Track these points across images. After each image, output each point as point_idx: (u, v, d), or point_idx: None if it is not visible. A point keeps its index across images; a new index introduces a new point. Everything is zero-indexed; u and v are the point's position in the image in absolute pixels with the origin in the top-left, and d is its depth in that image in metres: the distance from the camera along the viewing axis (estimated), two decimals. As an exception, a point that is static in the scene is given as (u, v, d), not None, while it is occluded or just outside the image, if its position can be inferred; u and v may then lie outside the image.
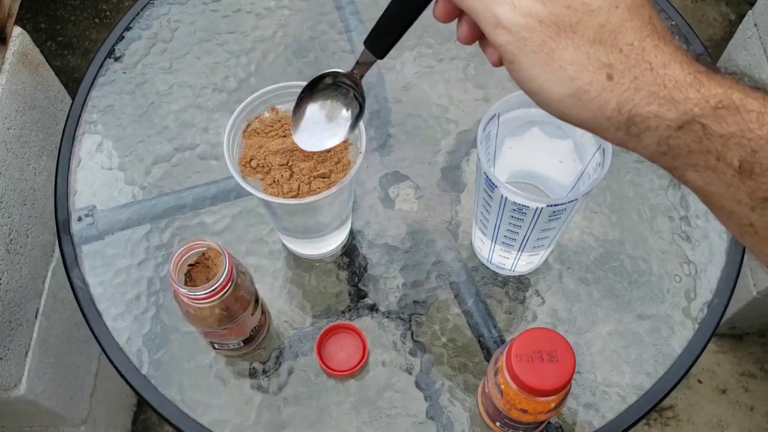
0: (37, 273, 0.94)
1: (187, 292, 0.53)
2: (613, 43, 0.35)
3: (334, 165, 0.58)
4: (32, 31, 1.71)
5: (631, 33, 0.35)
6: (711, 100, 0.34)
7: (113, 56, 0.82)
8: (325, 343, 0.66)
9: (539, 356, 0.48)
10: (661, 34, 0.36)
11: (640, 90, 0.35)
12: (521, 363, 0.48)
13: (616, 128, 0.36)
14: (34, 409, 0.95)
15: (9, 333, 0.86)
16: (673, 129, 0.35)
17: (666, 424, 1.29)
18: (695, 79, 0.35)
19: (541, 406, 0.52)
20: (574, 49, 0.35)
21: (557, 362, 0.47)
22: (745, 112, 0.34)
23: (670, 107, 0.35)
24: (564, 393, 0.52)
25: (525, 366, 0.48)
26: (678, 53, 0.36)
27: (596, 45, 0.35)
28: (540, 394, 0.49)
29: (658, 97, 0.35)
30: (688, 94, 0.35)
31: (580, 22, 0.35)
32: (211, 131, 0.77)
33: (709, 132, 0.34)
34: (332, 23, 0.84)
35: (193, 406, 0.65)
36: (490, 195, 0.55)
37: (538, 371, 0.47)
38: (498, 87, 0.80)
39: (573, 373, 0.49)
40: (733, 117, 0.34)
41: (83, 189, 0.75)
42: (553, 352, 0.48)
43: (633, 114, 0.35)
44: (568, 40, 0.35)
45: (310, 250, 0.70)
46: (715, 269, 0.70)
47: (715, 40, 1.67)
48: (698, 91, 0.35)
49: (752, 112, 0.34)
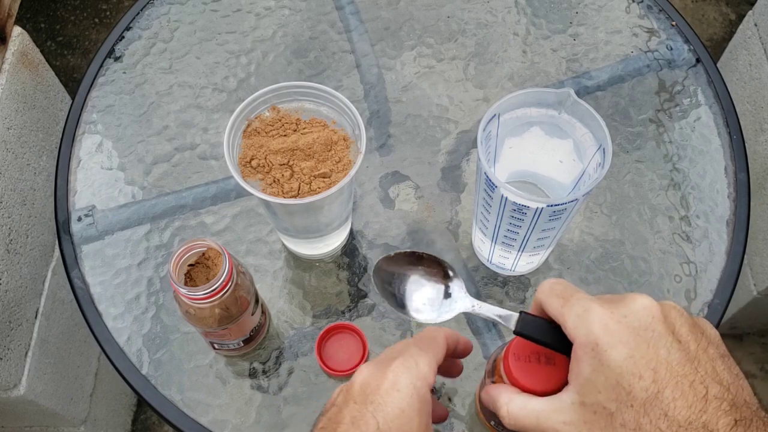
0: (37, 273, 0.94)
1: (187, 292, 0.53)
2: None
3: (334, 165, 0.58)
4: (32, 31, 1.71)
5: (649, 429, 0.38)
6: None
7: (113, 56, 0.82)
8: (325, 343, 0.66)
9: (537, 357, 0.47)
10: (682, 421, 0.37)
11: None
12: (519, 363, 0.47)
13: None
14: (34, 409, 0.95)
15: (9, 333, 0.86)
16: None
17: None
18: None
19: None
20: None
21: (554, 365, 0.47)
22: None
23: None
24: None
25: (522, 366, 0.47)
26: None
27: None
28: (536, 395, 0.49)
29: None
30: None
31: (606, 426, 0.39)
32: (211, 131, 0.77)
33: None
34: (332, 23, 0.84)
35: (192, 406, 0.65)
36: (490, 195, 0.55)
37: (535, 372, 0.47)
38: (498, 87, 0.80)
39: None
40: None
41: (83, 189, 0.75)
42: (551, 354, 0.47)
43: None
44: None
45: (310, 250, 0.70)
46: (715, 269, 0.70)
47: (715, 40, 1.67)
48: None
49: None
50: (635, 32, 0.83)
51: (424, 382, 0.45)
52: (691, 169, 0.75)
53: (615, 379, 0.39)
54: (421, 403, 0.44)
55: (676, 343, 0.40)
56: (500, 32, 0.83)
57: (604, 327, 0.40)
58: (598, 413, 0.40)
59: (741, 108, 1.12)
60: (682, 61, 0.81)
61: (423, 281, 0.58)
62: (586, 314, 0.41)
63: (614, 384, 0.39)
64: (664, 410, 0.38)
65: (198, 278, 0.57)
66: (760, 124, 1.08)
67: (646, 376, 0.38)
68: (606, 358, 0.39)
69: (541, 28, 0.83)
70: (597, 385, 0.40)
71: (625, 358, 0.39)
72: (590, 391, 0.40)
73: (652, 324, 0.40)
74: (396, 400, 0.44)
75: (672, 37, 0.82)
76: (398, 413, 0.43)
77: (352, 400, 0.45)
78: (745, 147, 0.76)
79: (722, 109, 0.78)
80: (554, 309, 0.44)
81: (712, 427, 0.37)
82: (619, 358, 0.39)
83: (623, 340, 0.40)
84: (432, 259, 0.58)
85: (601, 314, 0.41)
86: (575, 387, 0.41)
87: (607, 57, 0.81)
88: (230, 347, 0.63)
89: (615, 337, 0.40)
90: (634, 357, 0.39)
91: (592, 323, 0.41)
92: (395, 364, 0.45)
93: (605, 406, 0.39)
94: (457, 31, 0.83)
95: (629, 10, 0.85)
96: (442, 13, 0.84)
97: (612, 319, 0.40)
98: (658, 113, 0.78)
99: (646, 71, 0.81)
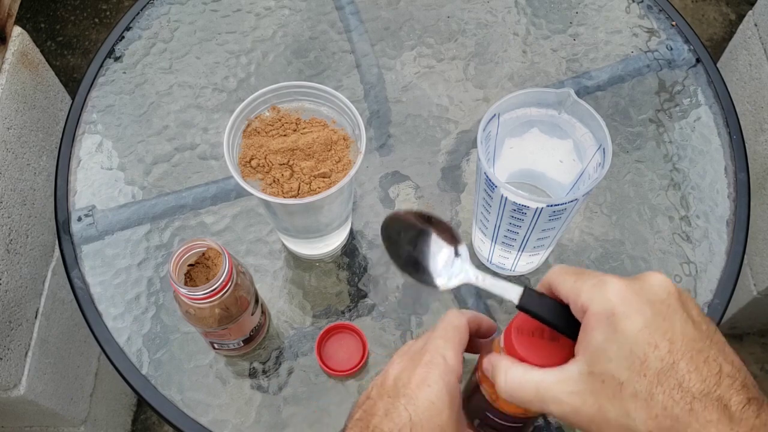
0: (37, 273, 0.94)
1: (187, 292, 0.53)
2: (647, 412, 0.38)
3: (334, 164, 0.58)
4: (32, 31, 1.71)
5: (662, 399, 0.37)
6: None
7: (113, 56, 0.82)
8: (325, 343, 0.66)
9: (540, 333, 0.45)
10: (696, 393, 0.37)
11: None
12: (521, 336, 0.45)
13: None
14: (34, 409, 0.95)
15: (9, 333, 0.86)
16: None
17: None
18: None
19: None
20: (616, 421, 0.39)
21: (558, 342, 0.45)
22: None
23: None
24: None
25: (525, 340, 0.45)
26: (714, 413, 0.37)
27: (632, 415, 0.38)
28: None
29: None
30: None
31: (615, 396, 0.39)
32: (211, 131, 0.77)
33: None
34: (332, 23, 0.84)
35: (192, 406, 0.65)
36: (490, 195, 0.55)
37: (538, 347, 0.45)
38: (498, 87, 0.80)
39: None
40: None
41: (83, 189, 0.74)
42: (555, 332, 0.45)
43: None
44: (609, 414, 0.39)
45: (310, 250, 0.70)
46: (715, 269, 0.70)
47: (715, 40, 1.67)
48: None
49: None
50: (635, 32, 0.83)
51: (452, 375, 0.46)
52: (691, 169, 0.75)
53: (629, 347, 0.38)
54: (451, 396, 0.46)
55: (690, 320, 0.40)
56: (500, 32, 0.83)
57: (621, 296, 0.40)
58: (606, 382, 0.39)
59: (741, 108, 1.12)
60: (682, 61, 0.81)
61: (433, 242, 0.54)
62: (602, 284, 0.41)
63: (627, 353, 0.38)
64: (679, 381, 0.37)
65: (198, 278, 0.57)
66: (760, 124, 1.08)
67: (661, 346, 0.38)
68: (621, 327, 0.39)
69: (541, 28, 0.83)
70: (608, 353, 0.39)
71: (640, 327, 0.39)
72: (600, 359, 0.39)
73: (668, 299, 0.40)
74: (426, 393, 0.45)
75: (672, 37, 0.82)
76: (429, 405, 0.45)
77: (386, 394, 0.46)
78: (745, 147, 0.76)
79: (722, 109, 0.78)
80: (566, 285, 0.43)
81: (726, 402, 0.37)
82: (634, 327, 0.39)
83: (639, 310, 0.39)
84: (440, 222, 0.55)
85: (618, 285, 0.41)
86: (584, 357, 0.40)
87: (607, 57, 0.81)
88: (230, 347, 0.63)
89: (631, 307, 0.39)
90: (650, 327, 0.39)
91: (608, 292, 0.40)
92: (425, 360, 0.47)
93: (615, 375, 0.39)
94: (457, 31, 0.83)
95: (629, 10, 0.85)
96: (442, 13, 0.84)
97: (628, 290, 0.40)
98: (658, 113, 0.78)
99: (646, 71, 0.81)
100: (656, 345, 0.38)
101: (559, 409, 0.41)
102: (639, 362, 0.38)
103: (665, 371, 0.38)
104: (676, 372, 0.38)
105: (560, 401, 0.41)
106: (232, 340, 0.62)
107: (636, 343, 0.38)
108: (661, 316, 0.39)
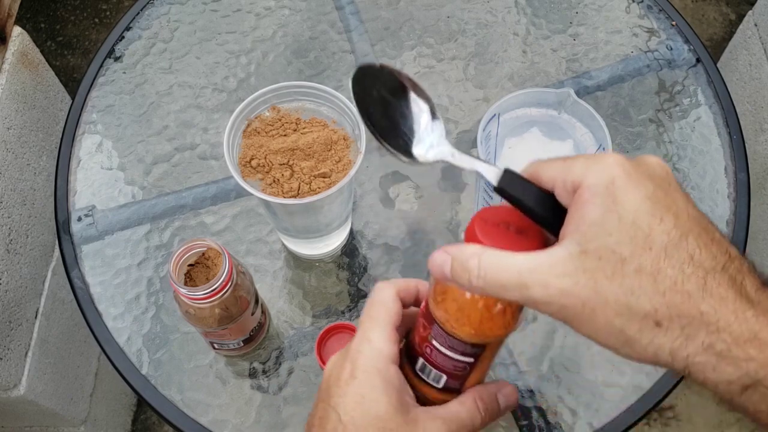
0: (37, 273, 0.94)
1: (187, 292, 0.53)
2: (654, 287, 0.33)
3: (334, 164, 0.58)
4: (32, 31, 1.71)
5: (671, 274, 0.33)
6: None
7: (113, 56, 0.82)
8: (325, 343, 0.66)
9: (506, 226, 0.39)
10: (709, 268, 0.33)
11: (693, 339, 0.33)
12: (486, 226, 0.39)
13: (678, 373, 0.34)
14: (34, 409, 0.95)
15: (9, 333, 0.86)
16: (736, 391, 0.33)
17: (666, 425, 1.29)
18: (754, 335, 0.32)
19: (488, 305, 0.39)
20: (615, 303, 0.34)
21: (526, 234, 0.39)
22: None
23: (729, 365, 0.32)
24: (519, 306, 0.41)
25: (489, 229, 0.39)
26: (730, 291, 0.33)
27: (636, 293, 0.33)
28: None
29: (713, 352, 0.33)
30: (748, 352, 0.32)
31: (615, 273, 0.34)
32: (210, 131, 0.77)
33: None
34: (332, 23, 0.84)
35: (192, 406, 0.65)
36: (490, 195, 0.55)
37: (504, 237, 0.39)
38: (498, 87, 0.80)
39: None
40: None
41: (83, 189, 0.74)
42: (524, 227, 0.39)
43: (689, 364, 0.33)
44: (607, 293, 0.34)
45: (310, 250, 0.70)
46: (715, 269, 0.70)
47: (715, 40, 1.67)
48: (760, 350, 0.32)
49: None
50: (635, 32, 0.83)
51: (381, 358, 0.41)
52: (691, 169, 0.75)
53: (631, 219, 0.34)
54: (386, 381, 0.41)
55: (690, 200, 0.36)
56: (500, 32, 0.83)
57: (620, 167, 0.35)
58: (604, 259, 0.34)
59: (741, 108, 1.12)
60: (682, 61, 0.81)
61: (413, 102, 0.47)
62: (598, 157, 0.37)
63: (629, 224, 0.34)
64: (690, 254, 0.33)
65: (198, 278, 0.57)
66: (760, 124, 1.08)
67: (666, 219, 0.34)
68: (622, 198, 0.34)
69: (541, 28, 0.83)
70: (607, 227, 0.34)
71: (643, 198, 0.34)
72: (597, 235, 0.34)
73: (668, 177, 0.37)
74: (355, 387, 0.40)
75: (672, 37, 0.82)
76: (359, 400, 0.40)
77: (320, 399, 0.42)
78: (745, 147, 0.76)
79: (722, 109, 0.78)
80: (554, 165, 0.38)
81: (740, 282, 0.33)
82: (637, 198, 0.34)
83: (641, 183, 0.35)
84: (416, 84, 0.48)
85: (616, 157, 0.36)
86: (575, 236, 0.35)
87: (607, 57, 0.81)
88: (230, 347, 0.63)
89: (632, 179, 0.35)
90: (653, 199, 0.35)
91: (607, 163, 0.36)
92: (352, 349, 0.42)
93: (615, 251, 0.34)
94: (457, 31, 0.83)
95: (629, 10, 0.85)
96: (442, 13, 0.84)
97: (627, 163, 0.36)
98: (658, 113, 0.78)
99: (646, 71, 0.81)
100: (661, 218, 0.34)
101: (545, 294, 0.35)
102: (643, 235, 0.34)
103: (673, 244, 0.34)
104: (686, 245, 0.34)
105: (547, 284, 0.35)
106: (232, 340, 0.62)
107: (639, 214, 0.34)
108: (662, 190, 0.35)
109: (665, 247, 0.33)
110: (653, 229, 0.34)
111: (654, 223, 0.34)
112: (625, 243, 0.34)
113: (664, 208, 0.34)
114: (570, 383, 0.65)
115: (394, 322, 0.43)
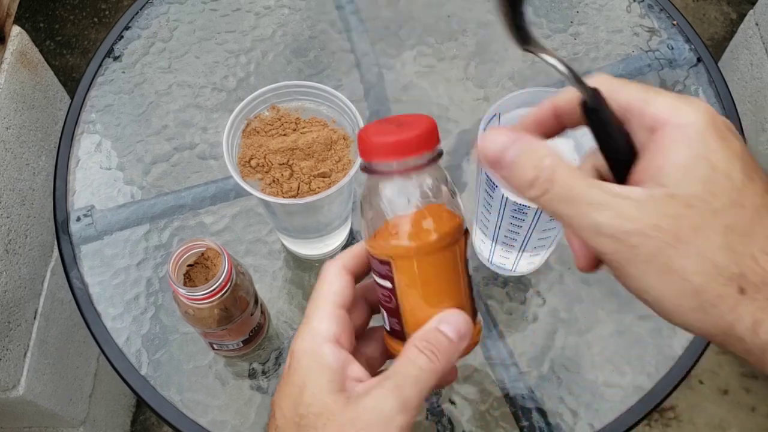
0: (36, 273, 0.94)
1: (186, 293, 0.53)
2: (744, 249, 0.30)
3: (334, 164, 0.57)
4: (31, 30, 1.71)
5: (764, 237, 0.30)
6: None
7: (112, 56, 0.82)
8: (324, 343, 0.66)
9: (395, 122, 0.38)
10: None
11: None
12: (372, 126, 0.37)
13: (748, 351, 0.31)
14: (33, 410, 0.95)
15: (8, 333, 0.86)
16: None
17: (667, 425, 1.29)
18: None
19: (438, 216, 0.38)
20: (698, 257, 0.30)
21: (411, 124, 0.37)
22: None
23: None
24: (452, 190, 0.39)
25: (374, 127, 0.37)
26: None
27: (724, 251, 0.30)
28: (395, 148, 0.36)
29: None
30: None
31: (702, 226, 0.30)
32: (210, 131, 0.77)
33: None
34: (332, 22, 0.84)
35: (192, 407, 0.64)
36: (491, 195, 0.55)
37: (390, 131, 0.37)
38: (498, 86, 0.79)
39: (434, 130, 0.37)
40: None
41: (82, 189, 0.74)
42: (410, 121, 0.37)
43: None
44: (690, 246, 0.30)
45: (310, 250, 0.69)
46: (716, 269, 0.69)
47: (716, 39, 1.67)
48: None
49: None
50: (636, 31, 0.83)
51: (323, 342, 0.37)
52: (693, 169, 0.74)
53: (725, 171, 0.31)
54: (330, 368, 0.37)
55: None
56: (501, 31, 0.83)
57: (714, 115, 0.32)
58: (693, 207, 0.30)
59: (742, 108, 1.12)
60: (683, 61, 0.81)
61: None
62: (689, 98, 0.32)
63: (724, 176, 0.30)
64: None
65: (197, 278, 0.56)
66: (761, 123, 1.07)
67: (756, 181, 0.31)
68: (715, 146, 0.31)
69: (542, 28, 0.83)
70: (699, 174, 0.30)
71: (734, 153, 0.31)
72: (688, 181, 0.30)
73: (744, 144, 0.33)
74: (295, 379, 0.37)
75: (673, 36, 0.82)
76: (298, 393, 0.36)
77: (274, 401, 0.39)
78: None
79: (723, 108, 0.77)
80: (633, 93, 0.33)
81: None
82: (728, 152, 0.31)
83: (732, 139, 0.32)
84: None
85: (706, 104, 0.32)
86: (661, 177, 0.31)
87: (608, 56, 0.81)
88: (230, 348, 0.63)
89: (723, 131, 0.31)
90: (743, 159, 0.31)
91: (700, 106, 0.32)
92: (297, 338, 0.39)
93: (707, 200, 0.30)
94: (458, 31, 0.83)
95: (630, 9, 0.84)
96: (442, 13, 0.84)
97: (717, 114, 0.32)
98: (659, 113, 0.78)
99: (647, 71, 0.80)
100: (752, 178, 0.31)
101: (616, 224, 0.31)
102: (737, 191, 0.30)
103: (765, 207, 0.31)
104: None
105: (623, 214, 0.31)
106: (231, 341, 0.61)
107: (731, 169, 0.30)
108: (747, 153, 0.32)
109: (758, 209, 0.30)
110: (746, 187, 0.30)
111: (746, 182, 0.31)
112: (719, 195, 0.30)
113: (752, 169, 0.31)
114: (570, 384, 0.65)
115: (337, 300, 0.39)
